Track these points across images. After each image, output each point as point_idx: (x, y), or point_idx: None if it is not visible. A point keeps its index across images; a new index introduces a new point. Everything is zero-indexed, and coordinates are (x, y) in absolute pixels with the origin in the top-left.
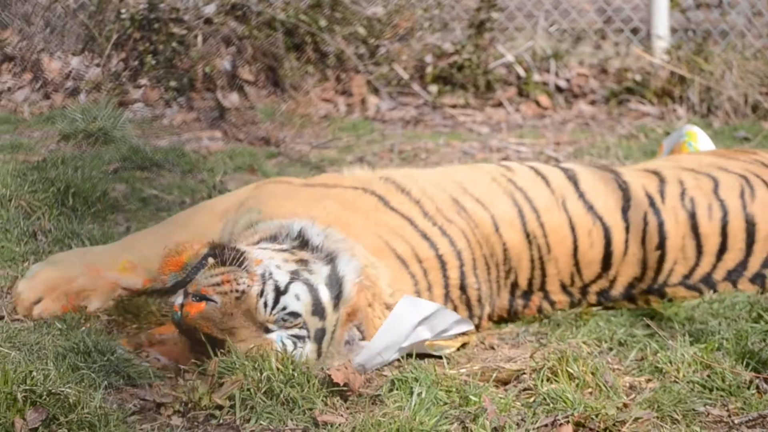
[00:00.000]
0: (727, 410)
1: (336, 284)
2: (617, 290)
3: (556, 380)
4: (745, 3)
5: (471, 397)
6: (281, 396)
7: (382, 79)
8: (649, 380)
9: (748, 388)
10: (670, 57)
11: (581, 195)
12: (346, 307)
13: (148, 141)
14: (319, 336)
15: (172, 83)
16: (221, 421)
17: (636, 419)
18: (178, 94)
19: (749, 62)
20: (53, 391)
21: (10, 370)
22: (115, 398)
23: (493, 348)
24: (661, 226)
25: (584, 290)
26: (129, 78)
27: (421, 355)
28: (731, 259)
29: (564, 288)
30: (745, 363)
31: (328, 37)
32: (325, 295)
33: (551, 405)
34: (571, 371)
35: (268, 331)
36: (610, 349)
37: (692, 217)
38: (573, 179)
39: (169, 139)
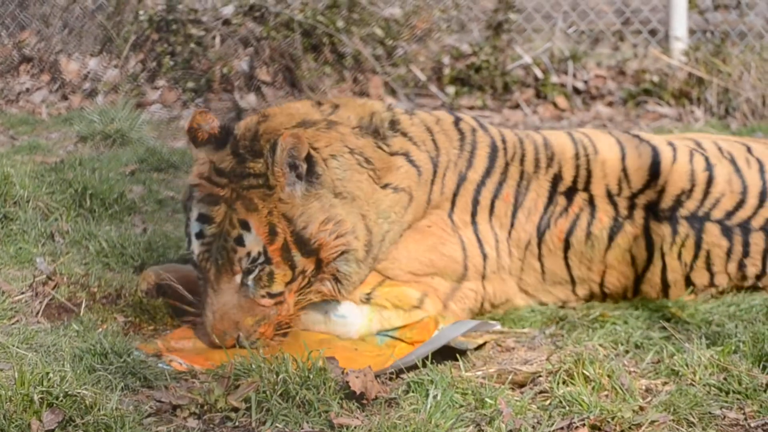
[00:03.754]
0: (744, 413)
1: None
2: (666, 203)
3: (572, 383)
4: (764, 4)
5: (487, 399)
6: (297, 398)
7: (399, 80)
8: (665, 383)
9: (765, 391)
10: (688, 58)
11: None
12: None
13: (165, 142)
14: None
15: (190, 84)
16: (237, 424)
17: (652, 422)
18: (195, 95)
19: (767, 63)
20: (70, 392)
21: (26, 371)
22: (131, 400)
23: (509, 350)
24: (707, 160)
25: (632, 203)
26: (147, 79)
27: (438, 357)
28: None
29: (610, 197)
30: (761, 366)
31: (345, 38)
32: None
33: (567, 408)
34: (587, 374)
35: None
36: (627, 352)
37: (733, 162)
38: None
39: (186, 140)
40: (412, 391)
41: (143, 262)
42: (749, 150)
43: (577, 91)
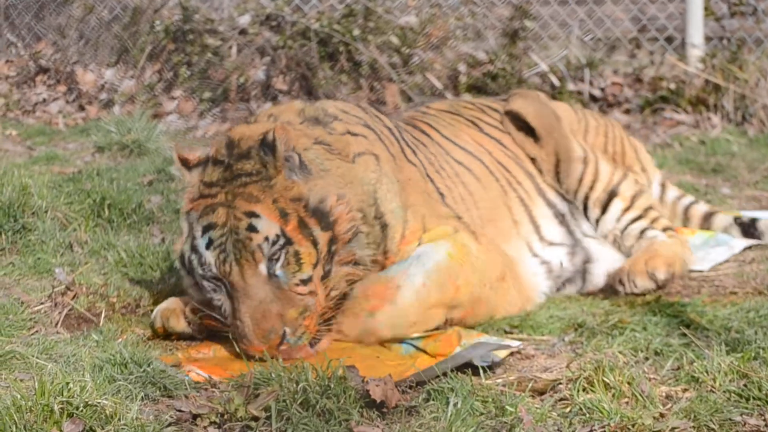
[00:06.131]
0: (764, 420)
1: None
2: None
3: (592, 390)
4: None
5: (507, 407)
6: (317, 407)
7: (415, 88)
8: (685, 390)
9: None
10: (704, 65)
11: None
12: None
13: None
14: None
15: (206, 94)
16: None
17: (672, 429)
18: (212, 105)
19: None
20: (90, 402)
21: (46, 381)
22: (151, 409)
23: (528, 358)
24: None
25: None
26: (163, 89)
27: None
28: None
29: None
30: None
31: (361, 46)
32: None
33: (587, 415)
34: (608, 381)
35: None
36: (646, 359)
37: None
38: None
39: (202, 150)
40: (433, 399)
41: (162, 272)
42: None
43: (593, 98)
